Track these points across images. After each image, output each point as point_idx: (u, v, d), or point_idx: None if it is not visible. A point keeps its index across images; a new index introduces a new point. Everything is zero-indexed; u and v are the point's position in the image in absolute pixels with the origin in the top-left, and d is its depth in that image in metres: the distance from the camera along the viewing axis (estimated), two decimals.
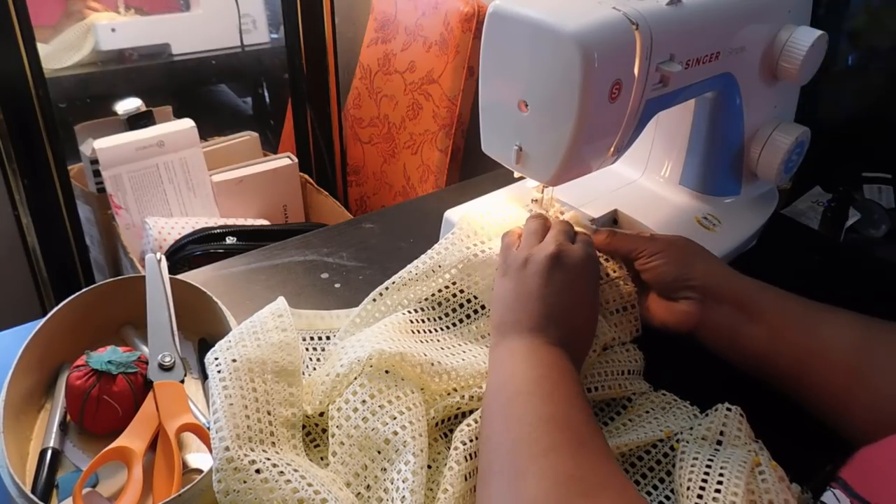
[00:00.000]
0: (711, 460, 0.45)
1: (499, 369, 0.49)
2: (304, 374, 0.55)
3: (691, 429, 0.51)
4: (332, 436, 0.48)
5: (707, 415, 0.51)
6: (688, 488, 0.44)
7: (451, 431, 0.50)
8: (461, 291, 0.59)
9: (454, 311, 0.59)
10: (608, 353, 0.57)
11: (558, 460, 0.40)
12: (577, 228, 0.63)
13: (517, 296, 0.52)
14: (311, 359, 0.57)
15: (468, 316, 0.59)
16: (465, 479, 0.46)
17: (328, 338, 0.59)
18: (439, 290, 0.59)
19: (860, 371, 0.49)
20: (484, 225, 0.62)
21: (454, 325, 0.59)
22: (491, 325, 0.53)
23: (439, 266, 0.59)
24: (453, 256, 0.59)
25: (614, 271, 0.60)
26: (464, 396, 0.51)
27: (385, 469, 0.46)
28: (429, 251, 0.60)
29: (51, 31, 1.48)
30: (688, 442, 0.48)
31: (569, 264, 0.53)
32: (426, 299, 0.59)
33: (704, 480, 0.44)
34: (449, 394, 0.52)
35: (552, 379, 0.46)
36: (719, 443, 0.49)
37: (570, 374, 0.48)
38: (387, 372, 0.50)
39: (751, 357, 0.55)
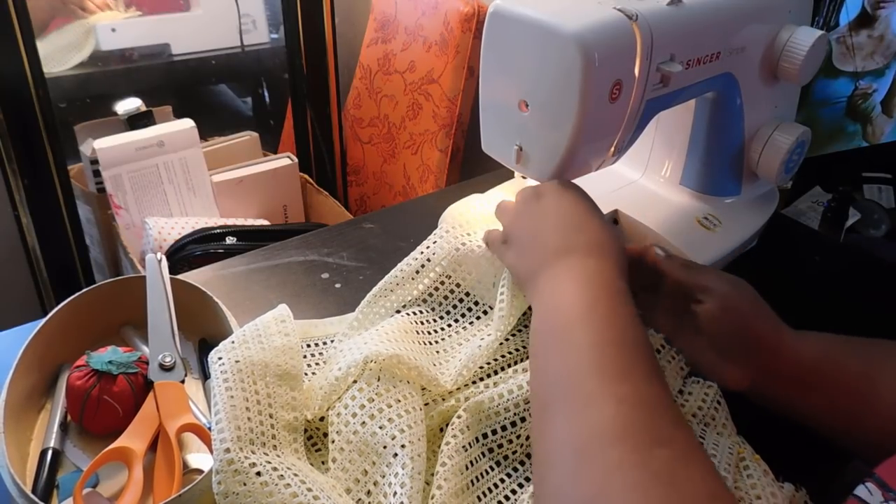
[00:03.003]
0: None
1: (541, 299, 0.46)
2: (304, 380, 0.55)
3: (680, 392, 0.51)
4: (332, 441, 0.48)
5: (694, 385, 0.52)
6: None
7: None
8: (457, 286, 0.59)
9: (454, 307, 0.59)
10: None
11: (639, 387, 0.38)
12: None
13: (525, 240, 0.51)
14: (309, 365, 0.57)
15: (469, 309, 0.59)
16: (461, 473, 0.46)
17: (325, 343, 0.59)
18: (436, 289, 0.59)
19: (867, 392, 0.47)
20: (469, 217, 0.62)
21: (456, 321, 0.59)
22: (516, 264, 0.52)
23: (428, 261, 0.59)
24: (442, 250, 0.59)
25: None
26: (458, 399, 0.51)
27: (384, 474, 0.46)
28: (418, 247, 0.60)
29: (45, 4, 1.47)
30: None
31: (546, 191, 0.54)
32: (424, 301, 0.59)
33: None
34: (452, 394, 0.52)
35: (609, 297, 0.44)
36: (706, 425, 0.49)
37: (624, 292, 0.45)
38: (387, 376, 0.50)
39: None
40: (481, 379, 0.54)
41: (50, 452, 0.49)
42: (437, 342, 0.57)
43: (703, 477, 0.34)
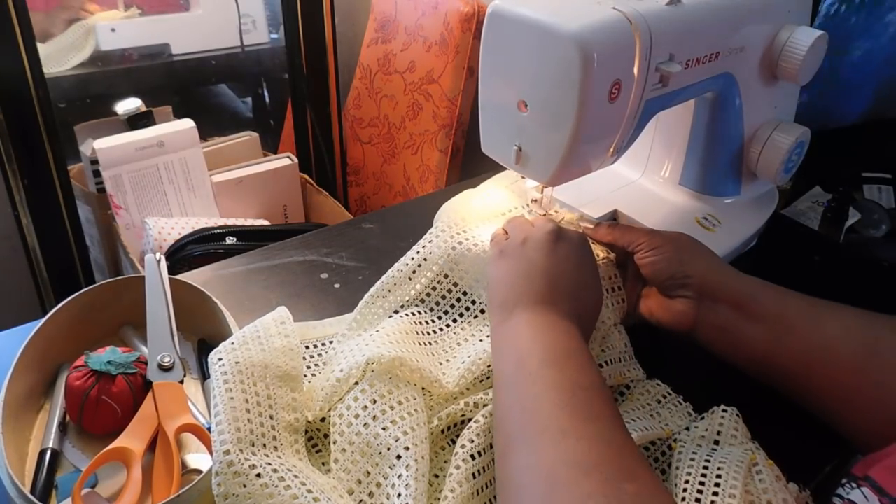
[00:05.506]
0: (709, 460, 0.45)
1: (515, 341, 0.48)
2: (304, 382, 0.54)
3: (687, 429, 0.50)
4: (334, 442, 0.48)
5: (703, 417, 0.51)
6: (684, 489, 0.44)
7: (458, 437, 0.49)
8: (455, 286, 0.59)
9: (452, 307, 0.59)
10: (607, 339, 0.57)
11: (608, 428, 0.40)
12: (579, 223, 0.63)
13: (520, 272, 0.52)
14: (308, 367, 0.57)
15: (467, 309, 0.59)
16: (473, 478, 0.46)
17: (324, 344, 0.59)
18: (434, 288, 0.59)
19: (867, 369, 0.48)
20: (464, 214, 0.62)
21: (454, 321, 0.59)
22: (491, 305, 0.52)
23: (425, 260, 0.59)
24: (439, 249, 0.59)
25: (602, 253, 0.61)
26: (468, 403, 0.51)
27: (387, 476, 0.46)
28: (415, 246, 0.60)
29: (44, 16, 1.47)
30: (685, 443, 0.48)
31: (569, 238, 0.54)
32: (422, 301, 0.59)
33: (702, 483, 0.44)
34: (455, 398, 0.52)
35: (580, 352, 0.46)
36: (716, 442, 0.49)
37: (588, 349, 0.48)
38: (390, 378, 0.50)
39: (751, 358, 0.54)
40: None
41: (49, 453, 0.49)
42: (436, 342, 0.57)
43: None
